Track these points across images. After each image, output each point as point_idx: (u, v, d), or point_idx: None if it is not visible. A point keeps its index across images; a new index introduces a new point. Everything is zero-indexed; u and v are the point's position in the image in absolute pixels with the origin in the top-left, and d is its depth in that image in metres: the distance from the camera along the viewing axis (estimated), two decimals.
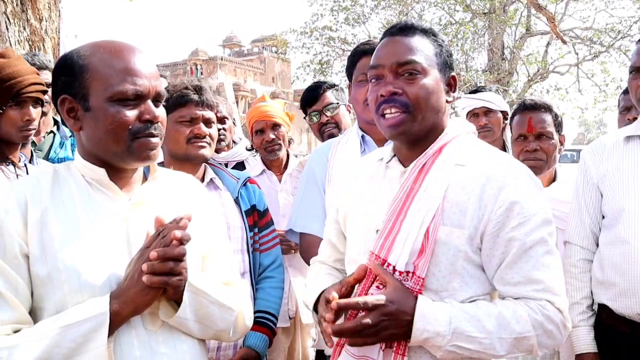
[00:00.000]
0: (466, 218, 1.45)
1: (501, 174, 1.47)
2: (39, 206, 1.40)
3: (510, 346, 1.41)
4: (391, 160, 1.64)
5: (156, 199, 1.53)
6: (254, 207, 2.38)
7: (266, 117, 3.27)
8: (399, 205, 1.51)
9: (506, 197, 1.44)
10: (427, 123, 1.53)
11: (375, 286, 1.47)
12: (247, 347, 2.16)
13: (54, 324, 1.31)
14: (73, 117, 1.45)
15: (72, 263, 1.36)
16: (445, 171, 1.50)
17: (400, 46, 1.54)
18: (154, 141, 1.46)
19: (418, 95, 1.50)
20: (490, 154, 1.56)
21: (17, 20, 3.73)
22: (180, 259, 1.37)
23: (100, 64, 1.41)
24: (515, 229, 1.44)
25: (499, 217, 1.44)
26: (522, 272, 1.45)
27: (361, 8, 18.19)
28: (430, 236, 1.44)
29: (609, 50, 16.35)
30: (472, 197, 1.45)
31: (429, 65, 1.53)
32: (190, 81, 2.33)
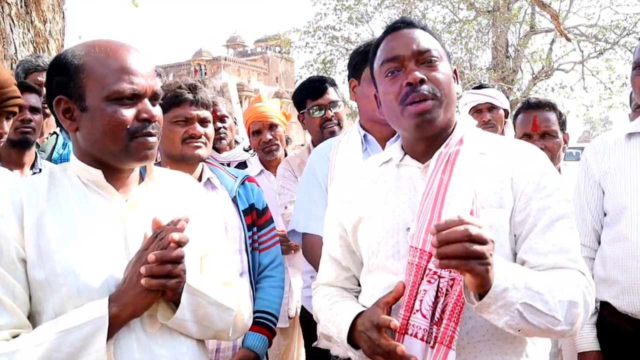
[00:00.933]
0: (504, 199, 1.46)
1: (528, 155, 1.51)
2: (35, 209, 1.39)
3: (565, 312, 1.32)
4: (404, 159, 1.60)
5: (153, 200, 1.52)
6: (253, 206, 2.35)
7: (263, 117, 3.27)
8: (432, 199, 1.46)
9: (535, 171, 1.47)
10: (449, 112, 1.53)
11: (427, 281, 1.39)
12: (246, 347, 2.14)
13: (53, 329, 1.30)
14: (69, 117, 1.44)
15: (70, 266, 1.35)
16: (472, 159, 1.49)
17: (414, 36, 1.54)
18: (152, 140, 1.45)
19: (442, 81, 1.50)
20: (508, 141, 1.60)
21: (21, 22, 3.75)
22: (179, 261, 1.36)
23: (96, 64, 1.40)
24: (547, 197, 1.45)
25: (531, 187, 1.45)
26: (553, 240, 1.42)
27: (364, 7, 18.18)
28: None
29: (614, 47, 16.27)
30: (505, 179, 1.47)
31: (442, 54, 1.55)
32: (185, 80, 2.32)
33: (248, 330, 2.14)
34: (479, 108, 3.36)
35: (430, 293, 1.38)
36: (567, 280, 1.37)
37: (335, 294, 1.69)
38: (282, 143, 3.34)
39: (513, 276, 1.29)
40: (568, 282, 1.37)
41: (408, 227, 1.50)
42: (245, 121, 3.41)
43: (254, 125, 3.31)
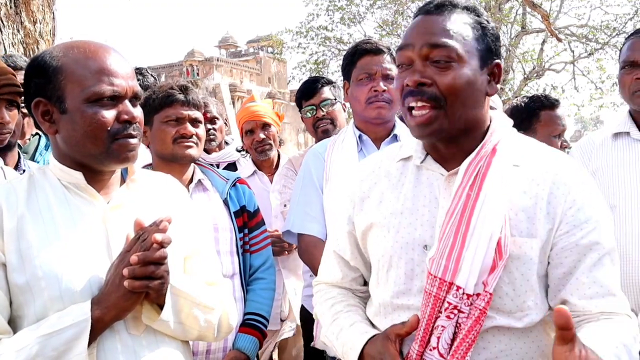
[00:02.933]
0: (536, 225, 1.28)
1: (567, 176, 1.31)
2: (14, 213, 1.37)
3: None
4: (426, 161, 1.41)
5: (135, 202, 1.51)
6: (244, 208, 2.36)
7: (256, 117, 3.26)
8: (457, 218, 1.28)
9: (576, 198, 1.29)
10: (463, 120, 1.31)
11: (446, 316, 1.26)
12: (237, 349, 2.14)
13: (34, 333, 1.28)
14: (48, 120, 1.42)
15: (51, 270, 1.33)
16: (504, 174, 1.30)
17: (433, 25, 1.30)
18: (133, 142, 1.43)
19: (451, 87, 1.27)
20: (542, 152, 1.38)
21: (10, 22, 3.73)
22: (162, 262, 1.35)
23: (75, 65, 1.39)
24: (594, 231, 1.28)
25: (571, 219, 1.28)
26: (600, 281, 1.27)
27: (356, 7, 18.22)
28: (503, 250, 1.24)
29: (604, 48, 16.39)
30: (539, 202, 1.28)
31: (467, 52, 1.29)
32: (176, 81, 2.33)
33: (238, 332, 2.16)
34: None
35: (449, 330, 1.26)
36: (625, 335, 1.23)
37: (340, 299, 1.56)
38: (275, 143, 3.32)
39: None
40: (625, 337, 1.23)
41: (425, 244, 1.35)
42: (238, 121, 3.39)
43: (246, 125, 3.30)
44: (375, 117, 2.29)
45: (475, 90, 1.31)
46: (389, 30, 17.87)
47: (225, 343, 2.15)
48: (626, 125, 2.19)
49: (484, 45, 1.33)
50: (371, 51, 2.33)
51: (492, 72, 1.35)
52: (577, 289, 1.29)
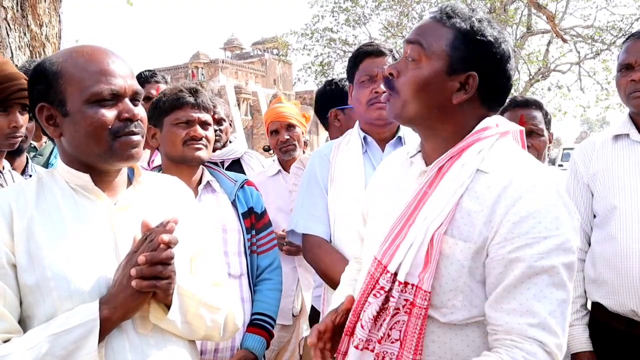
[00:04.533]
0: (474, 230, 1.29)
1: (520, 184, 1.28)
2: (24, 215, 1.40)
3: None
4: (415, 156, 1.50)
5: (142, 203, 1.53)
6: (252, 210, 2.38)
7: (281, 117, 3.34)
8: (409, 209, 1.38)
9: (520, 209, 1.25)
10: (420, 114, 1.39)
11: (373, 294, 1.37)
12: (245, 349, 2.16)
13: (44, 332, 1.30)
14: (52, 124, 1.45)
15: (60, 270, 1.36)
16: (462, 177, 1.33)
17: (420, 26, 1.42)
18: (136, 139, 1.45)
19: (404, 83, 1.39)
20: (516, 162, 1.34)
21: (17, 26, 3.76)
22: (169, 262, 1.37)
23: (74, 69, 1.41)
24: (521, 248, 1.24)
25: (507, 231, 1.25)
26: (520, 299, 1.24)
27: (362, 9, 18.22)
28: (435, 247, 1.30)
29: (610, 48, 16.33)
30: (484, 209, 1.28)
31: (433, 54, 1.36)
32: (186, 83, 2.34)
33: (246, 332, 2.18)
34: None
35: (373, 307, 1.36)
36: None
37: (348, 273, 1.75)
38: (300, 144, 3.39)
39: None
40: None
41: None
42: (265, 121, 3.48)
43: (272, 125, 3.38)
44: (377, 119, 2.30)
45: (432, 91, 1.37)
46: (394, 31, 17.87)
47: (232, 342, 2.17)
48: (626, 127, 2.21)
49: (460, 54, 1.36)
50: (373, 53, 2.34)
51: (465, 82, 1.37)
52: (495, 301, 1.28)
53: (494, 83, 1.38)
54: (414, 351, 1.31)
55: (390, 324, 1.34)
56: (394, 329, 1.34)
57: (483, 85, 1.37)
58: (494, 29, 1.38)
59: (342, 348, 1.45)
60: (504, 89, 1.41)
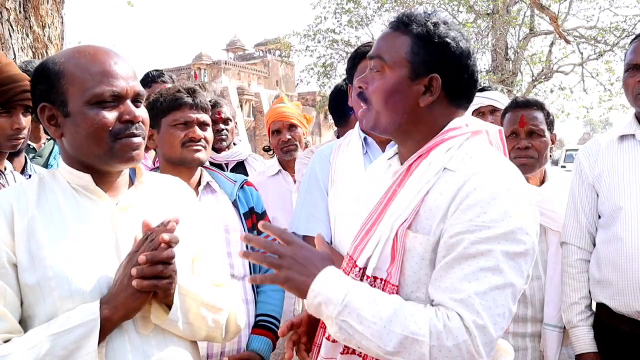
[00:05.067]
0: (434, 224, 1.34)
1: (476, 180, 1.32)
2: (25, 215, 1.40)
3: (399, 344, 1.24)
4: (393, 157, 1.58)
5: (143, 203, 1.53)
6: (252, 210, 2.36)
7: (283, 117, 3.34)
8: (379, 207, 1.45)
9: (469, 200, 1.30)
10: (391, 121, 1.44)
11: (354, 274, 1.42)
12: (252, 351, 2.14)
13: (44, 332, 1.31)
14: (54, 124, 1.45)
15: (61, 270, 1.36)
16: (429, 175, 1.38)
17: (379, 40, 1.49)
18: (136, 141, 1.45)
19: (372, 92, 1.45)
20: (480, 160, 1.38)
21: (20, 27, 3.76)
22: (169, 262, 1.37)
23: (76, 69, 1.41)
24: (461, 233, 1.28)
25: (454, 218, 1.31)
26: (452, 279, 1.28)
27: (364, 10, 18.22)
28: (399, 242, 1.35)
29: (613, 49, 16.28)
30: (444, 203, 1.34)
31: (395, 63, 1.43)
32: (184, 84, 2.32)
33: (252, 334, 2.16)
34: (481, 111, 3.36)
35: None
36: (418, 316, 1.26)
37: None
38: (301, 144, 3.39)
39: (332, 292, 1.30)
40: (416, 318, 1.25)
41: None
42: (266, 121, 3.48)
43: (273, 125, 3.38)
44: None
45: (399, 97, 1.43)
46: None
47: (239, 344, 2.15)
48: (632, 128, 2.19)
49: (419, 58, 1.42)
50: None
51: (429, 84, 1.43)
52: (435, 279, 1.32)
53: (457, 81, 1.44)
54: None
55: None
56: None
57: (447, 84, 1.43)
58: (450, 30, 1.43)
59: (318, 340, 1.49)
60: (468, 85, 1.46)
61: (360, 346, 1.29)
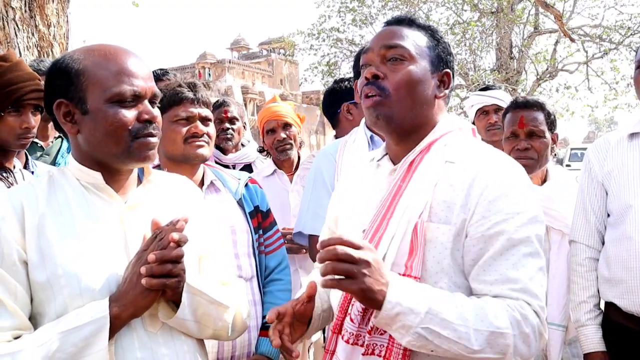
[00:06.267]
0: (453, 214, 1.38)
1: (489, 170, 1.40)
2: (35, 212, 1.40)
3: (485, 341, 1.28)
4: (382, 159, 1.60)
5: (152, 202, 1.54)
6: (257, 208, 2.31)
7: (277, 116, 3.30)
8: (386, 204, 1.46)
9: (493, 189, 1.37)
10: (409, 113, 1.47)
11: None
12: (260, 354, 2.12)
13: (54, 329, 1.31)
14: (70, 120, 1.46)
15: (71, 268, 1.36)
16: (434, 168, 1.44)
17: (391, 32, 1.52)
18: (153, 141, 1.47)
19: (399, 81, 1.46)
20: (481, 151, 1.48)
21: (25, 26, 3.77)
22: (178, 261, 1.38)
23: (96, 67, 1.42)
24: (502, 222, 1.35)
25: (483, 210, 1.36)
26: (500, 270, 1.34)
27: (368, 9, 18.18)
28: (419, 234, 1.37)
29: (618, 48, 16.20)
30: (460, 194, 1.39)
31: (418, 54, 1.49)
32: (184, 78, 2.30)
33: (260, 337, 2.14)
34: (485, 110, 3.36)
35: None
36: (496, 310, 1.30)
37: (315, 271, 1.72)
38: (296, 143, 3.35)
39: (412, 301, 1.26)
40: (496, 312, 1.30)
41: (364, 229, 1.49)
42: (259, 121, 3.43)
43: (268, 124, 3.33)
44: None
45: (423, 88, 1.48)
46: None
47: (249, 348, 2.13)
48: None
49: (435, 53, 1.52)
50: None
51: (442, 79, 1.53)
52: (477, 275, 1.37)
53: (453, 79, 1.56)
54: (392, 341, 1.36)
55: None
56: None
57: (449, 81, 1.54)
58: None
59: (330, 347, 1.49)
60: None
61: (437, 350, 1.29)
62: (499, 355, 1.30)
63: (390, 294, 1.26)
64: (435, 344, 1.28)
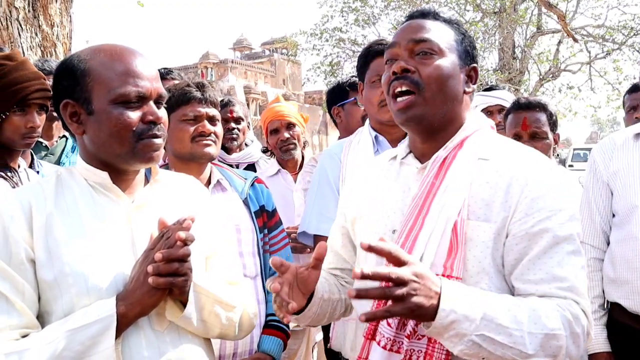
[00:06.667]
0: (493, 212, 1.34)
1: (528, 168, 1.36)
2: (43, 211, 1.41)
3: (539, 345, 1.23)
4: (406, 157, 1.54)
5: (158, 201, 1.54)
6: (263, 208, 2.33)
7: (281, 116, 3.30)
8: (419, 203, 1.40)
9: (533, 189, 1.33)
10: (441, 109, 1.42)
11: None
12: (262, 351, 2.13)
13: (61, 328, 1.32)
14: (76, 121, 1.46)
15: (78, 267, 1.37)
16: (468, 165, 1.39)
17: (418, 26, 1.46)
18: (158, 142, 1.46)
19: (431, 75, 1.40)
20: (514, 148, 1.45)
21: (29, 26, 3.77)
22: (185, 260, 1.38)
23: (102, 68, 1.42)
24: (546, 220, 1.31)
25: (527, 204, 1.32)
26: (546, 269, 1.30)
27: (371, 9, 18.19)
28: (459, 233, 1.32)
29: (621, 48, 16.20)
30: (499, 191, 1.35)
31: (447, 49, 1.44)
32: (192, 78, 2.31)
33: (262, 334, 2.15)
34: (489, 110, 3.35)
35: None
36: (548, 311, 1.26)
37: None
38: (300, 143, 3.35)
39: (466, 307, 1.20)
40: (548, 313, 1.25)
41: (395, 229, 1.45)
42: (263, 121, 3.42)
43: (271, 124, 3.33)
44: (388, 120, 2.28)
45: (453, 83, 1.44)
46: None
47: (251, 346, 2.14)
48: None
49: (463, 47, 1.48)
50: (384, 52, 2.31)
51: (469, 74, 1.49)
52: (522, 274, 1.33)
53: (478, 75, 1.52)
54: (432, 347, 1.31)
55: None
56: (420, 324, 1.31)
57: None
58: None
59: (363, 354, 1.42)
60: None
61: (489, 357, 1.24)
62: (551, 358, 1.25)
63: (444, 302, 1.19)
64: (488, 351, 1.22)
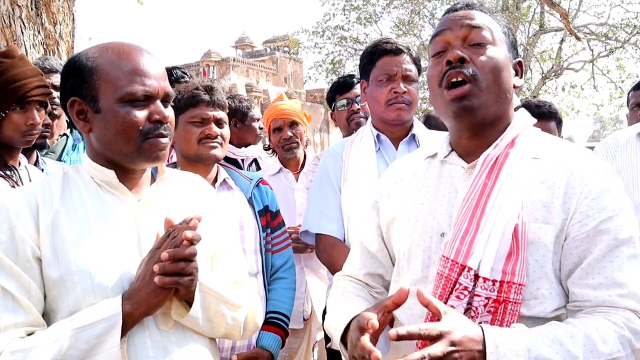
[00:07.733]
0: (552, 214, 1.28)
1: (585, 168, 1.31)
2: (50, 209, 1.41)
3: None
4: (449, 156, 1.47)
5: (165, 200, 1.54)
6: (267, 208, 2.39)
7: (284, 115, 3.30)
8: (472, 204, 1.32)
9: (594, 186, 1.28)
10: (495, 102, 1.36)
11: (455, 296, 1.27)
12: (261, 347, 2.16)
13: (67, 326, 1.31)
14: (83, 119, 1.46)
15: (84, 265, 1.36)
16: (523, 165, 1.34)
17: (468, 14, 1.40)
18: (164, 141, 1.46)
19: (487, 65, 1.35)
20: (566, 146, 1.39)
21: (31, 24, 3.78)
22: (191, 259, 1.38)
23: (109, 66, 1.42)
24: (608, 220, 1.26)
25: (587, 204, 1.27)
26: (606, 273, 1.24)
27: (373, 7, 18.18)
28: (520, 235, 1.26)
29: (624, 46, 16.18)
30: (557, 192, 1.29)
31: (499, 39, 1.39)
32: (202, 81, 2.35)
33: (261, 330, 2.18)
34: None
35: (459, 310, 1.25)
36: (603, 334, 1.18)
37: (351, 290, 1.57)
38: (302, 142, 3.35)
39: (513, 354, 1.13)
40: (604, 337, 1.17)
41: (443, 232, 1.38)
42: (266, 119, 3.42)
43: (274, 123, 3.33)
44: (395, 119, 2.28)
45: (506, 75, 1.38)
46: (406, 29, 17.82)
47: (249, 341, 2.18)
48: None
49: (510, 39, 1.43)
50: (391, 51, 2.31)
51: (515, 68, 1.44)
52: (579, 278, 1.27)
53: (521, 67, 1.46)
54: None
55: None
56: None
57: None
58: None
59: None
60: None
61: None
62: None
63: (490, 357, 1.13)
64: None
